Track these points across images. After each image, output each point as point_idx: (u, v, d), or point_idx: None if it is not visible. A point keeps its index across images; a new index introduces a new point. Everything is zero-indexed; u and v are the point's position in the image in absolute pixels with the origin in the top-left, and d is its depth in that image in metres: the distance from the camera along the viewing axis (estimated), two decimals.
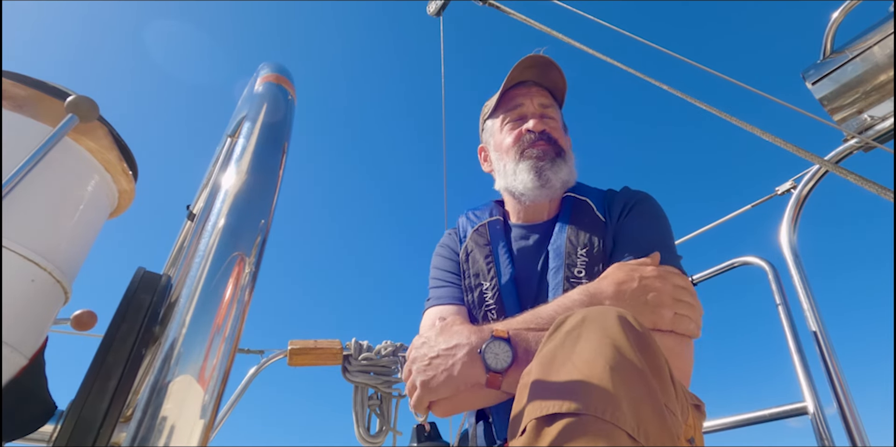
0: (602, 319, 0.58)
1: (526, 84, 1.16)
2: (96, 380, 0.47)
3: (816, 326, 1.28)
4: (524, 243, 1.07)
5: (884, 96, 1.35)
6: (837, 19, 1.42)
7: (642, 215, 1.01)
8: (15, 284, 0.55)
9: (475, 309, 1.02)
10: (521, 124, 1.11)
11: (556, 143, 1.09)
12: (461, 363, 0.78)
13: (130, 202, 0.78)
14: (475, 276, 1.05)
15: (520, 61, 1.12)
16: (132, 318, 0.51)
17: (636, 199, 1.05)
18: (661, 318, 0.78)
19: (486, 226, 1.13)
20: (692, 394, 0.83)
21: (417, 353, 0.85)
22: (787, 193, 1.61)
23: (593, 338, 0.56)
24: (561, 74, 1.14)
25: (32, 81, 0.63)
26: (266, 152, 0.47)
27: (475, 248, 1.09)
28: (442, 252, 1.17)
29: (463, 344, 0.80)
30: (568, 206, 1.08)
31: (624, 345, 0.54)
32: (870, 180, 0.83)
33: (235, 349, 0.35)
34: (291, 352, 1.64)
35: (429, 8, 2.57)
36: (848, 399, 1.17)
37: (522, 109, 1.13)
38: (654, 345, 0.58)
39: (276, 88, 0.57)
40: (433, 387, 0.80)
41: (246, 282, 0.37)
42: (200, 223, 0.63)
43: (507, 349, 0.75)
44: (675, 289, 0.81)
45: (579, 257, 0.96)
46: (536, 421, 0.50)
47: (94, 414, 0.46)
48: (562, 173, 1.06)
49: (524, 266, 1.04)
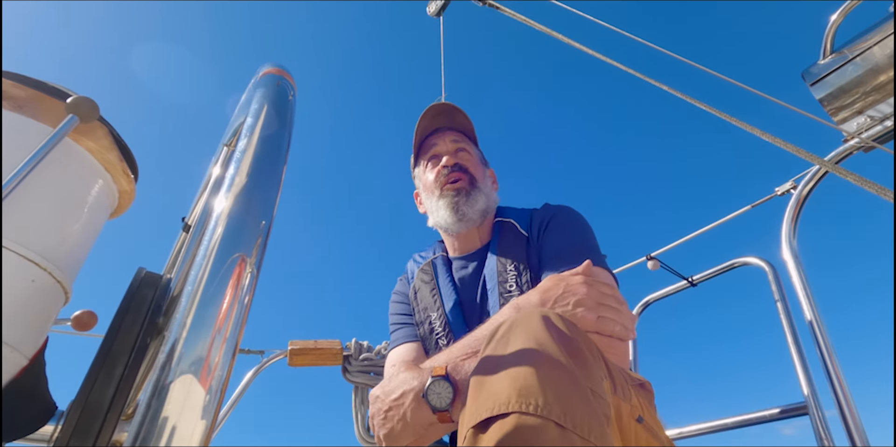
0: (527, 322, 0.62)
1: (439, 130, 1.29)
2: (97, 380, 0.47)
3: (816, 326, 1.28)
4: (464, 272, 1.17)
5: (884, 96, 1.35)
6: (837, 20, 1.42)
7: (560, 227, 1.10)
8: (15, 284, 0.55)
9: (427, 339, 1.11)
10: (439, 162, 1.23)
11: (468, 171, 1.20)
12: (410, 410, 0.83)
13: (130, 202, 0.78)
14: (424, 310, 1.15)
15: (424, 112, 1.25)
16: (133, 318, 0.51)
17: (552, 213, 1.13)
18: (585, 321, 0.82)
19: (429, 263, 1.24)
20: (635, 375, 0.87)
21: (374, 409, 0.91)
22: (787, 194, 1.61)
23: (520, 340, 0.59)
24: (465, 116, 1.28)
25: (33, 82, 0.63)
26: (268, 152, 0.47)
27: (422, 286, 1.20)
28: (395, 298, 1.27)
29: (408, 391, 0.85)
30: (496, 231, 1.18)
31: (546, 341, 0.58)
32: (870, 181, 0.83)
33: (236, 349, 0.35)
34: (291, 352, 1.64)
35: (429, 8, 2.57)
36: (848, 399, 1.17)
37: (437, 149, 1.25)
38: (577, 337, 0.61)
39: (276, 86, 0.57)
40: (395, 437, 0.85)
41: (247, 283, 0.37)
42: (201, 224, 0.63)
43: (446, 386, 0.79)
44: (600, 295, 0.84)
45: (509, 273, 1.05)
46: (472, 429, 0.53)
47: (94, 414, 0.46)
48: (478, 204, 1.16)
49: (466, 292, 1.13)
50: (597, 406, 0.55)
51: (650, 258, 1.96)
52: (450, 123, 1.29)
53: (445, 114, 1.27)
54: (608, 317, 0.83)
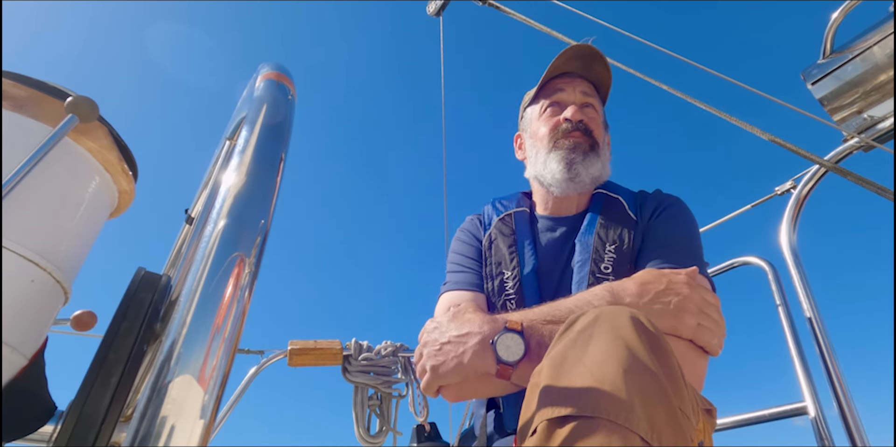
0: (614, 319, 0.57)
1: (570, 75, 1.12)
2: (96, 381, 0.47)
3: (816, 326, 1.28)
4: (550, 235, 1.05)
5: (884, 96, 1.35)
6: (837, 19, 1.42)
7: (673, 219, 0.99)
8: (15, 284, 0.55)
9: (494, 297, 1.00)
10: (560, 113, 1.08)
11: (591, 134, 1.06)
12: (472, 352, 0.77)
13: (130, 202, 0.78)
14: (497, 265, 1.03)
15: (564, 50, 1.08)
16: (132, 318, 0.51)
17: (668, 203, 1.03)
18: (683, 324, 0.76)
19: (511, 216, 1.11)
20: (704, 399, 0.82)
21: (429, 338, 0.84)
22: (786, 193, 1.61)
23: (605, 338, 0.55)
24: (607, 68, 1.11)
25: (32, 82, 0.63)
26: (266, 152, 0.47)
27: (499, 237, 1.07)
28: (463, 237, 1.14)
29: (475, 332, 0.79)
30: (599, 202, 1.06)
31: (636, 346, 0.53)
32: (869, 180, 0.83)
33: (235, 349, 0.35)
34: (291, 352, 1.64)
35: (429, 8, 2.57)
36: (848, 399, 1.17)
37: (563, 96, 1.10)
38: (668, 348, 0.56)
39: (275, 87, 0.57)
40: (443, 373, 0.79)
41: (246, 283, 0.37)
42: (200, 223, 0.63)
43: (519, 341, 0.74)
44: (703, 301, 0.78)
45: (607, 253, 0.95)
46: (548, 422, 0.49)
47: (94, 414, 0.46)
48: (593, 168, 1.04)
49: (548, 258, 1.02)
50: (685, 427, 0.51)
51: None
52: (585, 71, 1.12)
53: (584, 59, 1.10)
54: (707, 327, 0.77)
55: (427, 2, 2.58)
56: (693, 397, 0.62)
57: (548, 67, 1.11)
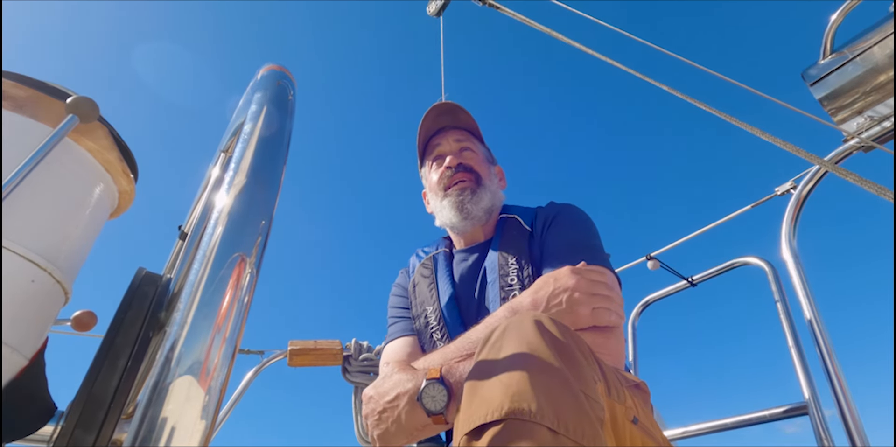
0: (519, 326, 0.62)
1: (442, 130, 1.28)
2: (97, 381, 0.47)
3: (816, 326, 1.28)
4: (464, 265, 1.17)
5: (884, 96, 1.35)
6: (837, 20, 1.42)
7: (563, 224, 1.10)
8: (15, 284, 0.55)
9: (423, 333, 1.12)
10: (443, 163, 1.23)
11: (472, 171, 1.20)
12: (405, 412, 0.84)
13: (130, 202, 0.78)
14: (420, 304, 1.16)
15: (427, 112, 1.25)
16: (133, 319, 0.51)
17: (556, 211, 1.14)
18: (579, 317, 0.82)
19: (430, 258, 1.25)
20: (630, 377, 0.87)
21: (367, 409, 0.92)
22: (787, 194, 1.62)
23: (512, 345, 0.59)
24: (468, 114, 1.27)
25: (33, 82, 0.63)
26: (267, 152, 0.47)
27: (421, 280, 1.21)
28: (395, 291, 1.27)
29: (402, 393, 0.86)
30: (500, 226, 1.18)
31: (538, 346, 0.58)
32: (869, 180, 0.83)
33: (236, 349, 0.35)
34: (291, 352, 1.64)
35: (429, 8, 2.57)
36: (848, 399, 1.17)
37: (441, 149, 1.26)
38: (567, 342, 0.61)
39: (276, 86, 0.57)
40: (389, 438, 0.86)
41: (247, 283, 0.37)
42: (201, 223, 0.63)
43: (441, 389, 0.79)
44: (590, 284, 0.84)
45: (510, 266, 1.05)
46: (466, 436, 0.53)
47: (94, 414, 0.46)
48: (483, 202, 1.17)
49: (465, 286, 1.13)
50: (590, 409, 0.55)
51: (650, 258, 1.96)
52: (454, 122, 1.28)
53: (448, 113, 1.27)
54: (602, 307, 0.83)
55: (427, 2, 2.58)
56: (614, 379, 0.69)
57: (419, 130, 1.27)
